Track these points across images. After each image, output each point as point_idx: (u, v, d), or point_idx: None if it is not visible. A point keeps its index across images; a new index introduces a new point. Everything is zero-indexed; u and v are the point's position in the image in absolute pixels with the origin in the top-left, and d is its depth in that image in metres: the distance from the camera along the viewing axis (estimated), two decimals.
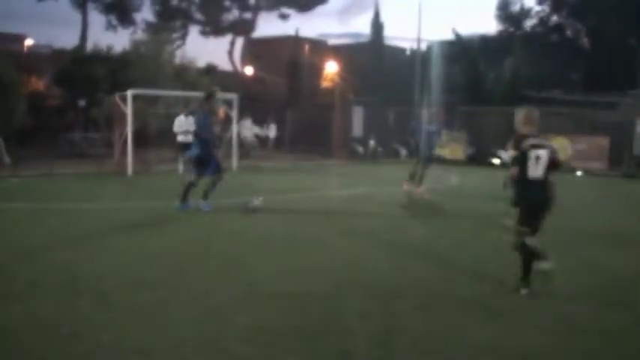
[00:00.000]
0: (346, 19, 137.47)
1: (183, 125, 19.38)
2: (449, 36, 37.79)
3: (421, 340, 5.17)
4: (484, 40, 44.66)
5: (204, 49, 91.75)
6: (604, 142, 23.23)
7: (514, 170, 6.71)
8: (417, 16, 32.30)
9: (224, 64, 48.61)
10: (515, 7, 49.73)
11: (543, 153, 6.51)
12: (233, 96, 20.97)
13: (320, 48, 47.00)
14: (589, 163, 23.41)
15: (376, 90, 36.06)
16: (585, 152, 23.72)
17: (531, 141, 6.60)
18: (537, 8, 49.24)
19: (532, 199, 6.59)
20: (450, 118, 28.55)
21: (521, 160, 6.57)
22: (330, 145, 28.14)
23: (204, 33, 52.29)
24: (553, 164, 6.56)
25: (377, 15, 45.74)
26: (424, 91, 30.03)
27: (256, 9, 51.12)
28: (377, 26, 45.78)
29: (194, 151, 11.80)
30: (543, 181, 6.53)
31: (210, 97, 11.87)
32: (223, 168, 11.90)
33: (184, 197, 11.59)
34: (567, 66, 41.16)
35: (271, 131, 28.65)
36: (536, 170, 6.49)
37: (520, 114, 7.00)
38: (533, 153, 6.49)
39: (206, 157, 11.55)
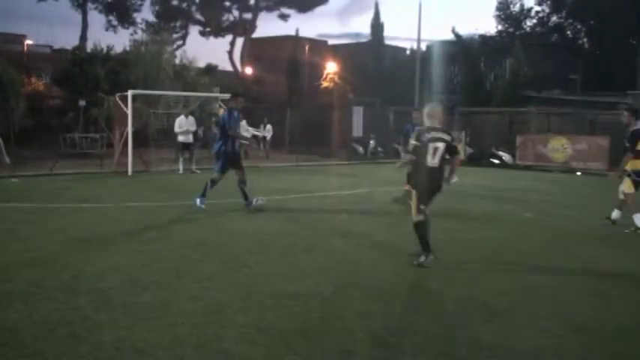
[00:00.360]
0: (346, 19, 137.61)
1: (184, 125, 19.41)
2: (449, 36, 37.84)
3: (422, 339, 5.17)
4: (484, 40, 44.74)
5: (205, 50, 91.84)
6: (604, 142, 23.20)
7: (411, 157, 7.82)
8: (417, 16, 32.31)
9: (224, 64, 48.74)
10: (515, 8, 49.81)
11: (441, 145, 7.66)
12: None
13: (320, 48, 47.00)
14: (589, 163, 23.40)
15: (376, 90, 36.09)
16: (585, 152, 23.70)
17: (432, 134, 7.70)
18: (537, 8, 49.35)
19: (428, 183, 7.75)
20: (450, 118, 28.63)
21: (422, 150, 7.65)
22: (330, 146, 28.16)
23: (204, 33, 52.39)
24: (451, 152, 7.79)
25: (377, 15, 45.81)
26: (424, 91, 30.07)
27: (256, 9, 51.21)
28: (377, 26, 45.85)
29: (216, 147, 12.05)
30: (438, 168, 7.72)
31: (235, 96, 12.43)
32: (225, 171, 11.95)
33: (246, 196, 11.86)
34: (567, 66, 41.20)
35: (267, 132, 28.64)
36: (433, 160, 7.65)
37: (426, 109, 7.97)
38: (432, 145, 7.63)
39: (220, 153, 11.75)
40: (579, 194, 16.61)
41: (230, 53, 50.98)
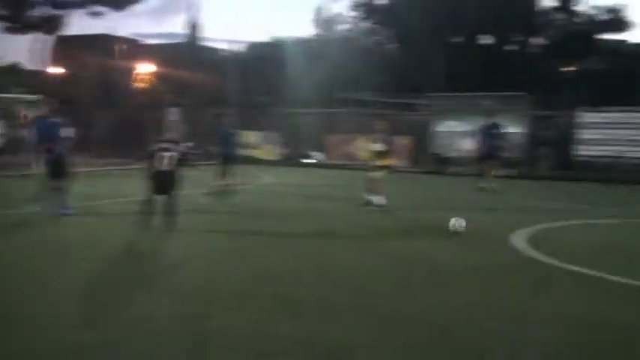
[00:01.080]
0: (162, 19, 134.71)
1: None
2: (268, 38, 38.42)
3: (231, 338, 5.25)
4: (302, 43, 45.81)
5: (10, 47, 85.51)
6: (406, 141, 24.83)
7: (147, 163, 10.07)
8: (236, 18, 32.51)
9: (31, 63, 45.92)
10: (330, 12, 51.39)
11: (169, 154, 9.95)
12: (38, 97, 19.99)
13: (134, 48, 45.73)
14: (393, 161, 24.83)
15: (192, 91, 35.81)
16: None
17: (162, 145, 10.12)
18: (351, 13, 51.31)
19: (158, 182, 9.94)
20: (263, 119, 29.16)
21: (154, 156, 9.96)
22: (144, 148, 27.49)
23: (9, 30, 48.89)
24: (181, 160, 10.11)
25: (193, 16, 45.45)
26: (241, 92, 30.32)
27: (67, 5, 48.67)
28: (193, 27, 45.48)
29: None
30: (168, 172, 9.94)
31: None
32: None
33: (44, 200, 11.58)
34: (377, 69, 43.30)
35: (68, 133, 27.07)
36: (161, 165, 9.91)
37: (168, 123, 9.91)
38: (159, 154, 9.93)
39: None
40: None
41: (37, 52, 48.02)
